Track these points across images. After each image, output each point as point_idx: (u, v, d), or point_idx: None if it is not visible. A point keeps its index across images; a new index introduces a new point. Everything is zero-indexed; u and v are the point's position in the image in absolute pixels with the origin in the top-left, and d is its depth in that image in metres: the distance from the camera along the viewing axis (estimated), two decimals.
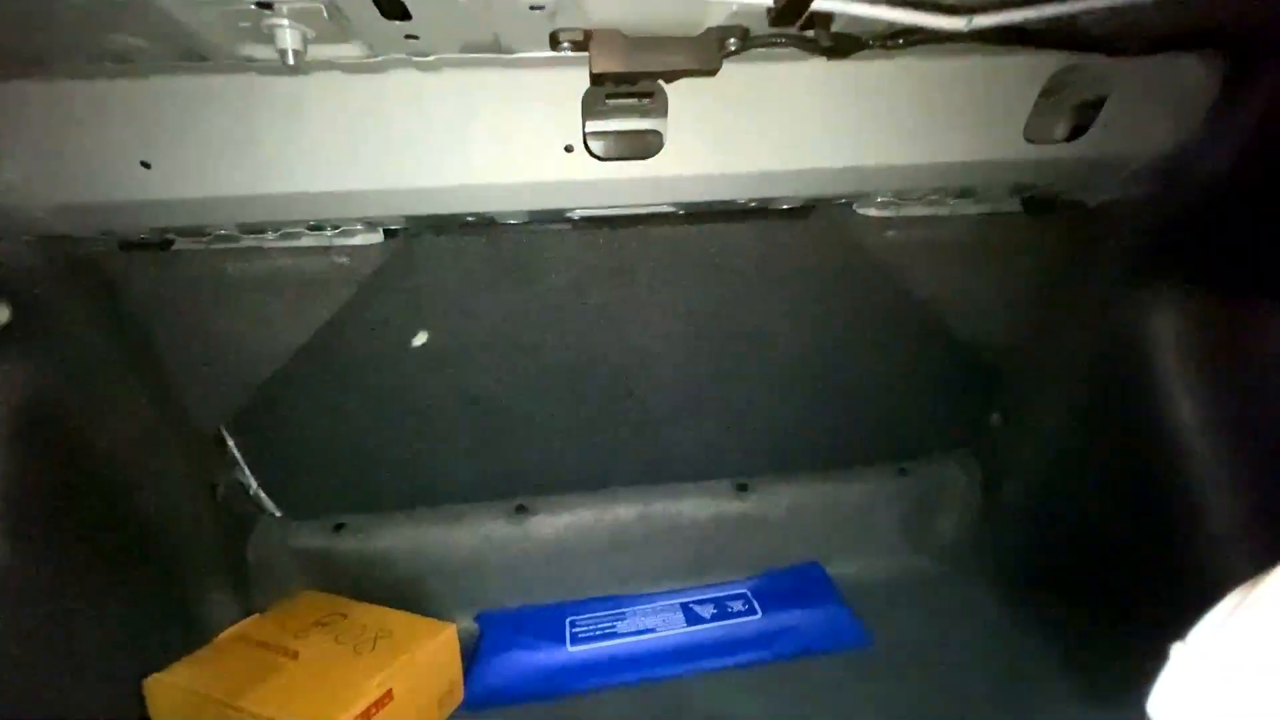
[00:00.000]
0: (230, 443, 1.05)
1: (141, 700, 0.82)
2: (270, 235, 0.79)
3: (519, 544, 1.15)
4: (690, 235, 0.95)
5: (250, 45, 0.52)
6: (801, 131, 0.65)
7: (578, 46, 0.51)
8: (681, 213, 0.81)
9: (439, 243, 0.90)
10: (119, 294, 0.81)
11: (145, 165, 0.60)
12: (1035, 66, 0.66)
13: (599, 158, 0.64)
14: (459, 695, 0.94)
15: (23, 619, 0.71)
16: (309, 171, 0.62)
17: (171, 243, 0.80)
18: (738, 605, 1.10)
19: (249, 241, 0.80)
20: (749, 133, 0.65)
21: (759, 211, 0.87)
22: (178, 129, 0.59)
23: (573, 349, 1.05)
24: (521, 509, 1.15)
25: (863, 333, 1.09)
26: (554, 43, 0.52)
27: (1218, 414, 0.81)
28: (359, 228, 0.80)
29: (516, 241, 0.93)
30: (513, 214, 0.77)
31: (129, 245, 0.78)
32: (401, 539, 1.12)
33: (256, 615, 0.97)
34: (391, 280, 0.91)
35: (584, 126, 0.62)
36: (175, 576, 0.95)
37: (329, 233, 0.80)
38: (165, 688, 0.81)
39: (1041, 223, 0.94)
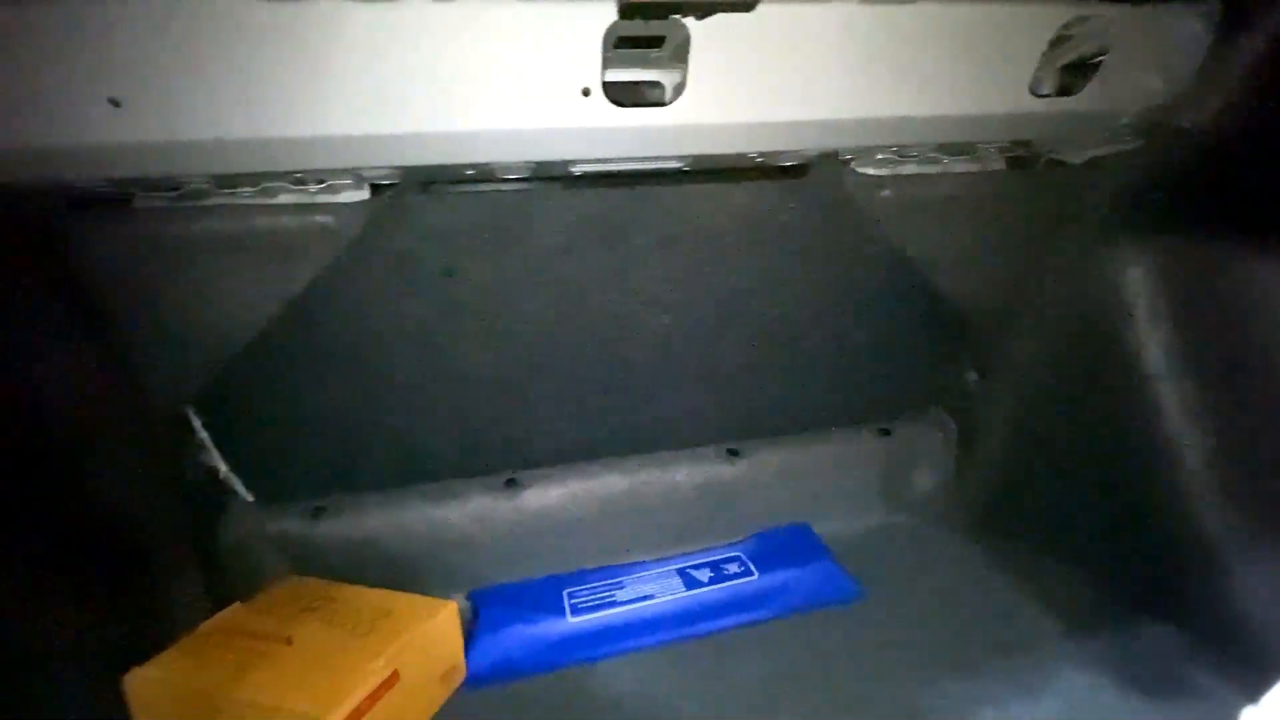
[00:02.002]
0: (196, 423, 0.97)
1: (119, 698, 0.76)
2: (246, 191, 0.72)
3: (510, 519, 1.12)
4: (684, 195, 0.93)
5: None
6: (825, 79, 0.64)
7: None
8: (685, 168, 0.78)
9: (425, 202, 0.85)
10: (70, 258, 0.72)
11: (114, 103, 0.53)
12: (1044, 17, 0.67)
13: (617, 103, 0.61)
14: (462, 672, 0.91)
15: None
16: (302, 113, 0.57)
17: (131, 198, 0.72)
18: (733, 568, 1.11)
19: (220, 198, 0.73)
20: (772, 80, 0.63)
21: (757, 170, 0.86)
22: (153, 61, 0.52)
23: (561, 315, 1.02)
24: (511, 483, 1.12)
25: (848, 294, 1.11)
26: None
27: (1193, 363, 0.86)
28: (347, 182, 0.75)
29: (506, 201, 0.89)
30: (514, 166, 0.73)
31: (83, 201, 0.70)
32: (386, 520, 1.07)
33: (238, 604, 0.91)
34: (373, 243, 0.86)
35: (604, 69, 0.59)
36: (140, 569, 0.87)
37: (312, 188, 0.74)
38: (149, 683, 0.75)
39: (1025, 179, 0.97)
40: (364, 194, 0.77)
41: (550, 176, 0.78)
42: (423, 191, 0.83)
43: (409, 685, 0.79)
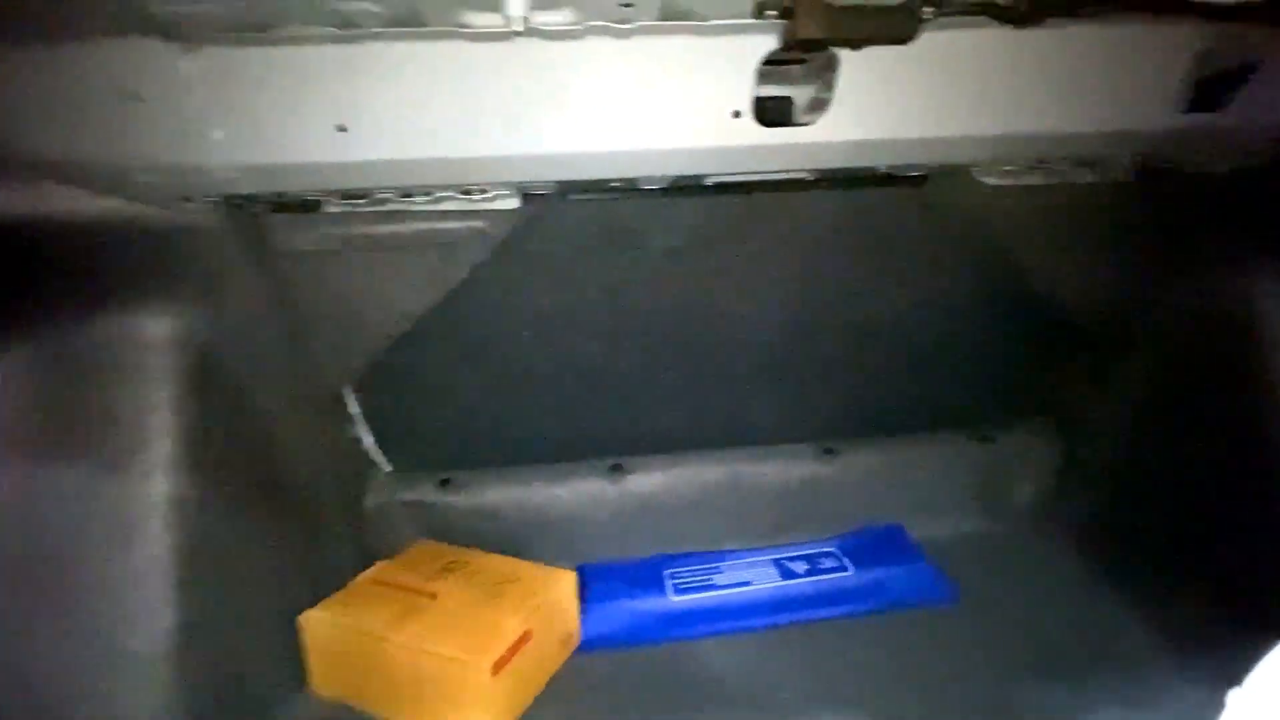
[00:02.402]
0: (350, 399, 1.10)
1: (293, 632, 0.89)
2: (420, 199, 0.82)
3: (614, 501, 1.19)
4: (799, 201, 0.97)
5: (470, 13, 0.54)
6: (968, 98, 0.67)
7: (783, 14, 0.53)
8: (810, 178, 0.83)
9: (561, 208, 0.93)
10: (274, 254, 0.85)
11: (341, 129, 0.63)
12: (1190, 34, 0.67)
13: (764, 123, 0.66)
14: (577, 638, 1.00)
15: (216, 553, 0.76)
16: (493, 135, 0.65)
17: (320, 204, 0.84)
18: (828, 562, 1.15)
19: (398, 204, 0.83)
20: (915, 99, 0.67)
21: (876, 178, 0.89)
22: (376, 93, 0.62)
23: (671, 314, 1.09)
24: (617, 468, 1.20)
25: (956, 300, 1.12)
26: (759, 10, 0.54)
27: None
28: (505, 192, 0.83)
29: (631, 207, 0.96)
30: (657, 179, 0.79)
31: (283, 207, 0.81)
32: (504, 494, 1.17)
33: (385, 561, 1.02)
34: (513, 245, 0.94)
35: (755, 92, 0.64)
36: (306, 523, 1.00)
37: (475, 197, 0.83)
38: (320, 623, 0.87)
39: (1152, 192, 0.95)
40: (515, 202, 0.86)
41: (682, 186, 0.84)
42: (561, 199, 0.91)
43: (537, 644, 0.88)
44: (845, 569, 1.13)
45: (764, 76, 0.64)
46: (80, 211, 0.65)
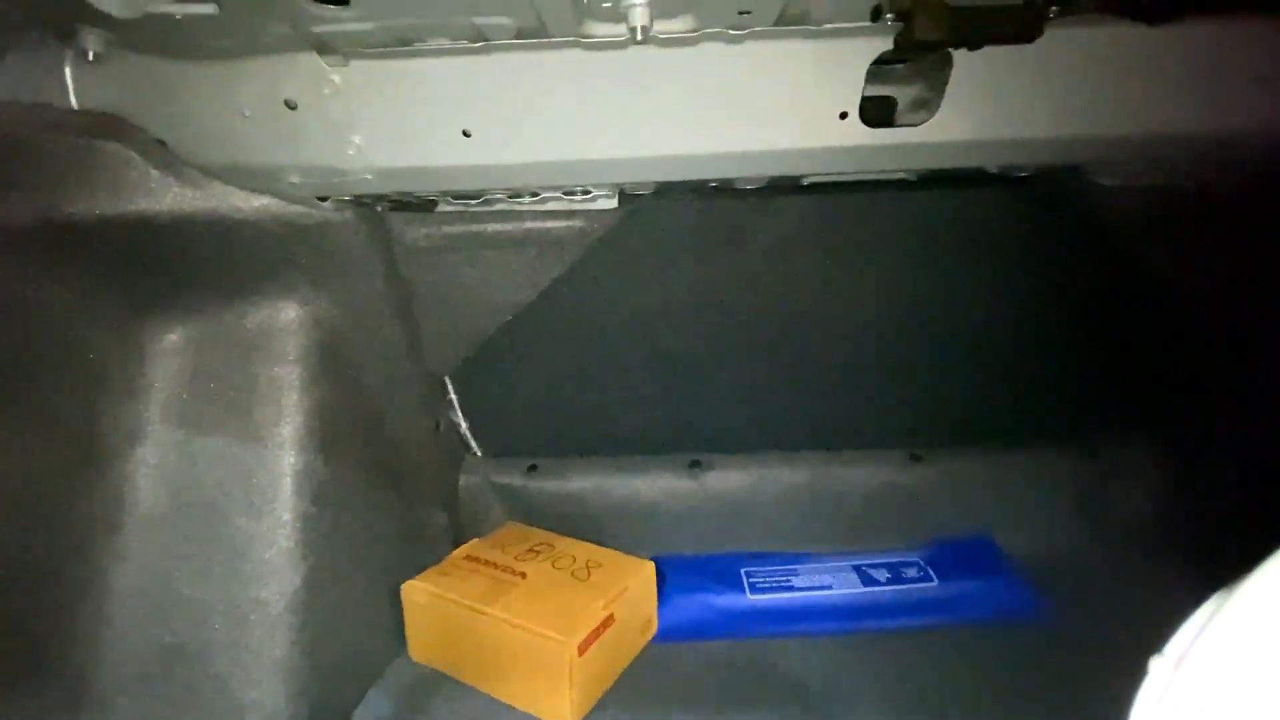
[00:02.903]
0: (450, 386, 1.17)
1: (396, 600, 0.96)
2: (526, 199, 0.87)
3: (694, 497, 1.21)
4: (900, 202, 0.95)
5: (593, 23, 0.58)
6: (1093, 96, 0.65)
7: (901, 16, 0.54)
8: (913, 179, 0.82)
9: (660, 206, 0.95)
10: (393, 249, 0.91)
11: (466, 134, 0.68)
12: None
13: (871, 124, 0.66)
14: (654, 627, 1.02)
15: (335, 521, 0.84)
16: (601, 139, 0.68)
17: (435, 203, 0.90)
18: (911, 571, 1.13)
19: (505, 204, 0.88)
20: (1031, 99, 0.65)
21: (982, 178, 0.87)
22: (498, 101, 0.66)
23: (763, 313, 1.09)
24: (696, 464, 1.22)
25: (1060, 305, 1.07)
26: (876, 13, 0.55)
27: None
28: (605, 193, 0.87)
29: (727, 206, 0.98)
30: (755, 179, 0.81)
31: (403, 205, 0.88)
32: (585, 483, 1.21)
33: (476, 540, 1.09)
34: (611, 242, 0.98)
35: (864, 93, 0.65)
36: (409, 499, 1.07)
37: (577, 197, 0.87)
38: (420, 593, 0.94)
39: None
40: (614, 202, 0.89)
41: (779, 186, 0.85)
42: (658, 199, 0.93)
43: (619, 629, 0.91)
44: (929, 579, 1.11)
45: (873, 77, 0.64)
46: (238, 208, 0.73)
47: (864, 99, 0.65)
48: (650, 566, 1.01)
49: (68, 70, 0.65)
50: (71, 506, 0.71)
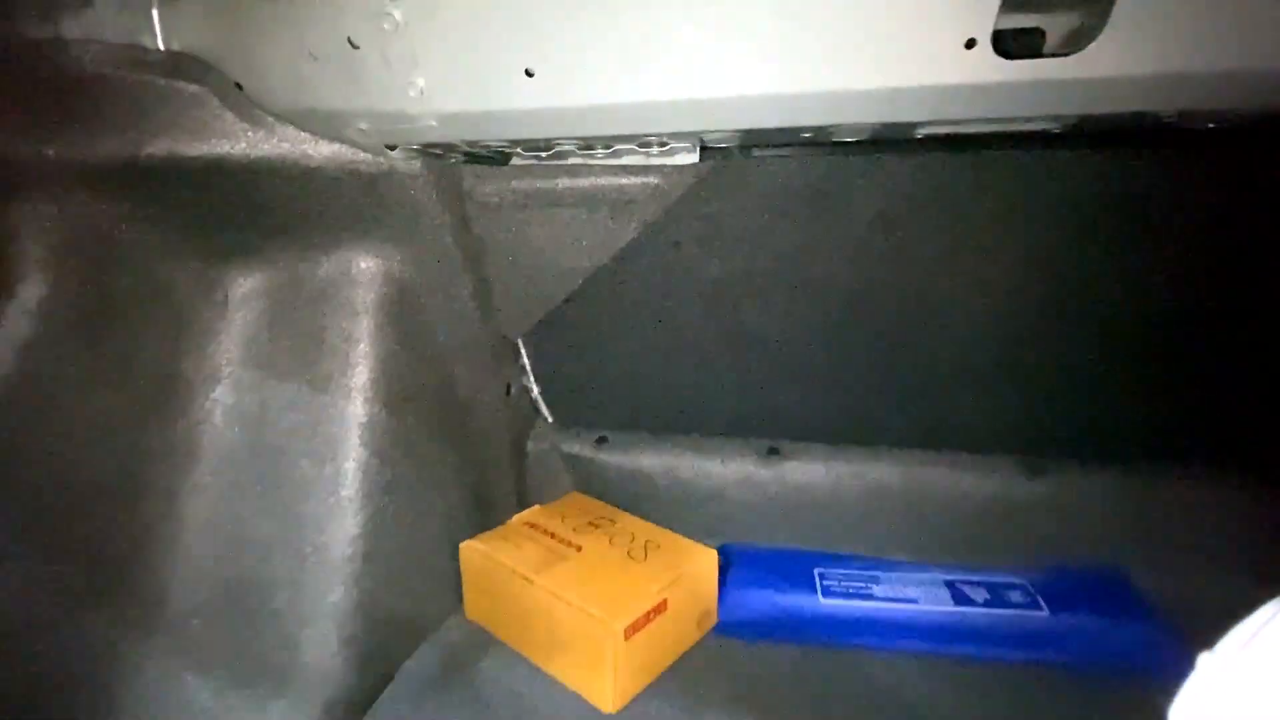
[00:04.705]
0: (523, 350, 1.15)
1: (455, 558, 0.96)
2: (600, 152, 0.81)
3: (768, 486, 1.13)
4: (1042, 162, 0.80)
5: None
6: None
7: None
8: (1056, 130, 0.67)
9: (745, 164, 0.86)
10: (465, 204, 0.89)
11: (529, 73, 0.62)
12: None
13: (1006, 55, 0.54)
14: (714, 619, 0.96)
15: (397, 474, 0.84)
16: (675, 77, 0.60)
17: (508, 157, 0.86)
18: (1016, 596, 0.98)
19: (579, 158, 0.83)
20: (1217, 18, 0.49)
21: (1154, 134, 0.69)
22: (560, 35, 0.60)
23: (862, 289, 0.97)
24: (774, 451, 1.13)
25: (1241, 299, 0.86)
26: None
27: None
28: (684, 146, 0.79)
29: (825, 165, 0.86)
30: (858, 128, 0.69)
31: (475, 158, 0.85)
32: (655, 460, 1.16)
33: (538, 506, 1.07)
34: (691, 204, 0.90)
35: (999, 14, 0.52)
36: (475, 460, 1.07)
37: (654, 150, 0.80)
38: (478, 554, 0.93)
39: None
40: (693, 157, 0.81)
41: (886, 140, 0.73)
42: (745, 154, 0.84)
43: (673, 616, 0.86)
44: (1039, 608, 0.96)
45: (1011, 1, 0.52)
46: (309, 155, 0.73)
47: (1000, 26, 0.53)
48: (712, 554, 0.94)
49: (155, 12, 0.67)
50: (152, 440, 0.75)
